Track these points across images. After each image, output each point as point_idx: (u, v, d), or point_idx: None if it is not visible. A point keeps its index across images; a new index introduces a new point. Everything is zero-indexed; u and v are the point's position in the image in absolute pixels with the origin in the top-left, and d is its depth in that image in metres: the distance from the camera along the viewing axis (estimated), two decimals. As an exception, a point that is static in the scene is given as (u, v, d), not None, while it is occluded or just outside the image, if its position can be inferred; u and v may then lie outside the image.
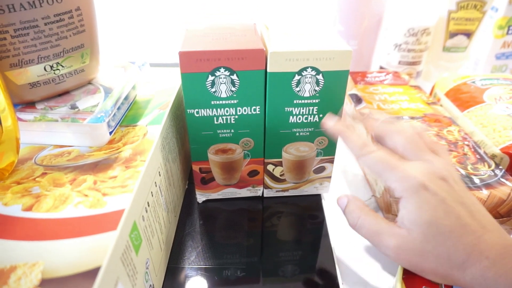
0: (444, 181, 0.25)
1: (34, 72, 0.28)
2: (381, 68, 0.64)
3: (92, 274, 0.18)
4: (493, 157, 0.38)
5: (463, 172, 0.34)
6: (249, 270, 0.31)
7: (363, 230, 0.27)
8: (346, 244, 0.35)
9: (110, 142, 0.29)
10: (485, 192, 0.32)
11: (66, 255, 0.19)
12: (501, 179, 0.33)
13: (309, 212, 0.37)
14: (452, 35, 0.60)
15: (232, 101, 0.30)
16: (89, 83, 0.33)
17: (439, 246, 0.23)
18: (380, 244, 0.25)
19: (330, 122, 0.30)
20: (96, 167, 0.26)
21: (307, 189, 0.38)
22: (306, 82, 0.30)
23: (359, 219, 0.27)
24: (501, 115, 0.41)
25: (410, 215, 0.24)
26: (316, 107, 0.31)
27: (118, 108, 0.30)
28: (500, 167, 0.35)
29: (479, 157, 0.36)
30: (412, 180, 0.24)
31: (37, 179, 0.25)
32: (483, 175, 0.34)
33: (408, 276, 0.26)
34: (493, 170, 0.35)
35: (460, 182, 0.26)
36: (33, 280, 0.18)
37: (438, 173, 0.25)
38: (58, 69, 0.29)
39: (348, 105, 0.49)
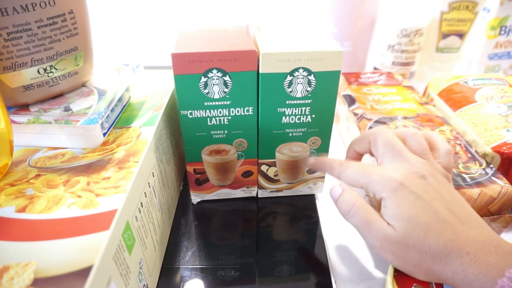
0: (422, 179, 0.25)
1: (27, 75, 0.28)
2: (375, 69, 0.64)
3: (84, 273, 0.18)
4: (484, 156, 0.39)
5: (454, 171, 0.35)
6: (243, 270, 0.31)
7: (356, 219, 0.27)
8: (339, 243, 0.35)
9: (104, 143, 0.29)
10: (476, 190, 0.32)
11: (59, 254, 0.19)
12: (492, 178, 0.34)
13: (303, 212, 0.37)
14: (445, 35, 0.61)
15: (225, 102, 0.31)
16: (83, 85, 0.33)
17: (420, 241, 0.24)
18: (369, 235, 0.26)
19: (310, 161, 0.33)
20: (90, 168, 0.26)
21: (301, 189, 0.38)
22: (298, 83, 0.30)
23: (353, 207, 0.27)
24: (493, 115, 0.42)
25: (392, 211, 0.25)
26: (309, 108, 0.32)
27: (112, 110, 0.31)
28: (491, 165, 0.35)
29: (470, 156, 0.37)
30: (390, 180, 0.25)
31: (30, 181, 0.25)
32: (474, 173, 0.34)
33: (399, 274, 0.26)
34: (484, 169, 0.35)
35: (442, 180, 0.26)
36: (26, 279, 0.18)
37: (416, 172, 0.26)
38: (51, 72, 0.29)
39: (341, 106, 0.49)
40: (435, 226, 0.24)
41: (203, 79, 0.29)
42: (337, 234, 0.36)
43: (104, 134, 0.29)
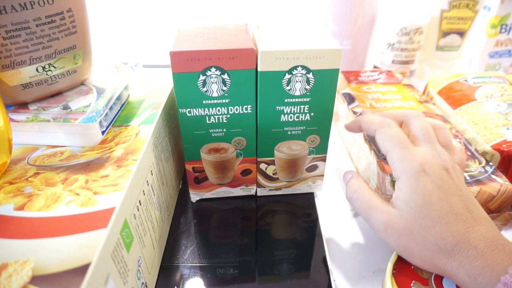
0: (446, 171, 0.25)
1: (26, 73, 0.28)
2: (374, 67, 0.64)
3: (82, 270, 0.18)
4: (484, 154, 0.39)
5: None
6: (242, 268, 0.31)
7: (357, 204, 0.28)
8: (338, 241, 0.35)
9: (103, 142, 0.29)
10: (475, 188, 0.32)
11: (57, 252, 0.19)
12: (492, 176, 0.34)
13: (302, 210, 0.37)
14: (445, 34, 0.61)
15: (224, 101, 0.31)
16: (82, 83, 0.33)
17: (427, 229, 0.24)
18: (371, 219, 0.27)
19: (346, 124, 0.33)
20: (88, 166, 0.26)
21: (300, 188, 0.38)
22: (296, 81, 0.30)
23: (355, 193, 0.28)
24: (492, 113, 0.42)
25: (404, 196, 0.25)
26: (307, 106, 0.32)
27: (110, 108, 0.31)
28: (491, 163, 0.35)
29: (470, 154, 0.37)
30: (413, 163, 0.25)
31: (29, 179, 0.25)
32: (474, 171, 0.34)
33: (398, 271, 0.26)
34: (483, 167, 0.35)
35: (462, 177, 0.27)
36: (24, 277, 0.18)
37: (441, 163, 0.26)
38: (50, 70, 0.29)
39: (341, 104, 0.49)
40: (447, 218, 0.24)
41: (202, 77, 0.29)
42: (336, 232, 0.36)
43: (103, 132, 0.29)
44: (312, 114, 0.32)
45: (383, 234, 0.26)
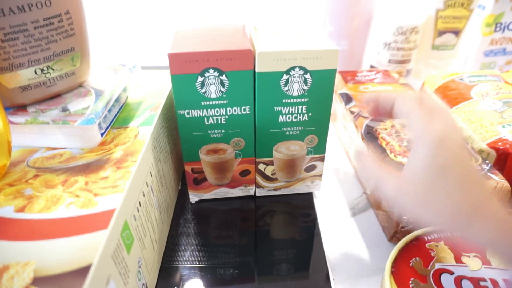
0: (463, 140, 0.25)
1: (25, 75, 0.28)
2: (371, 67, 0.64)
3: (83, 271, 0.18)
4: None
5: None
6: (242, 268, 0.31)
7: (369, 171, 0.27)
8: (337, 241, 0.35)
9: (102, 143, 0.29)
10: (472, 186, 0.33)
11: (58, 254, 0.20)
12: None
13: (301, 210, 0.38)
14: (441, 33, 0.61)
15: (222, 102, 0.31)
16: (80, 85, 0.33)
17: (444, 197, 0.23)
18: (382, 184, 0.25)
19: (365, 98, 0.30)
20: (88, 168, 0.26)
21: (299, 188, 0.38)
22: (294, 81, 0.30)
23: (367, 160, 0.27)
24: (488, 111, 0.42)
25: (422, 164, 0.24)
26: (305, 106, 0.32)
27: (109, 110, 0.31)
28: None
29: (466, 152, 0.37)
30: (436, 126, 0.24)
31: (29, 181, 0.25)
32: (470, 169, 0.35)
33: (397, 269, 0.26)
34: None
35: None
36: (26, 278, 0.18)
37: (460, 130, 0.25)
38: (48, 73, 0.29)
39: (338, 104, 0.49)
40: (465, 185, 0.23)
41: (200, 79, 0.29)
42: (335, 232, 0.36)
43: (102, 134, 0.29)
44: (310, 114, 0.32)
45: (394, 200, 0.25)
